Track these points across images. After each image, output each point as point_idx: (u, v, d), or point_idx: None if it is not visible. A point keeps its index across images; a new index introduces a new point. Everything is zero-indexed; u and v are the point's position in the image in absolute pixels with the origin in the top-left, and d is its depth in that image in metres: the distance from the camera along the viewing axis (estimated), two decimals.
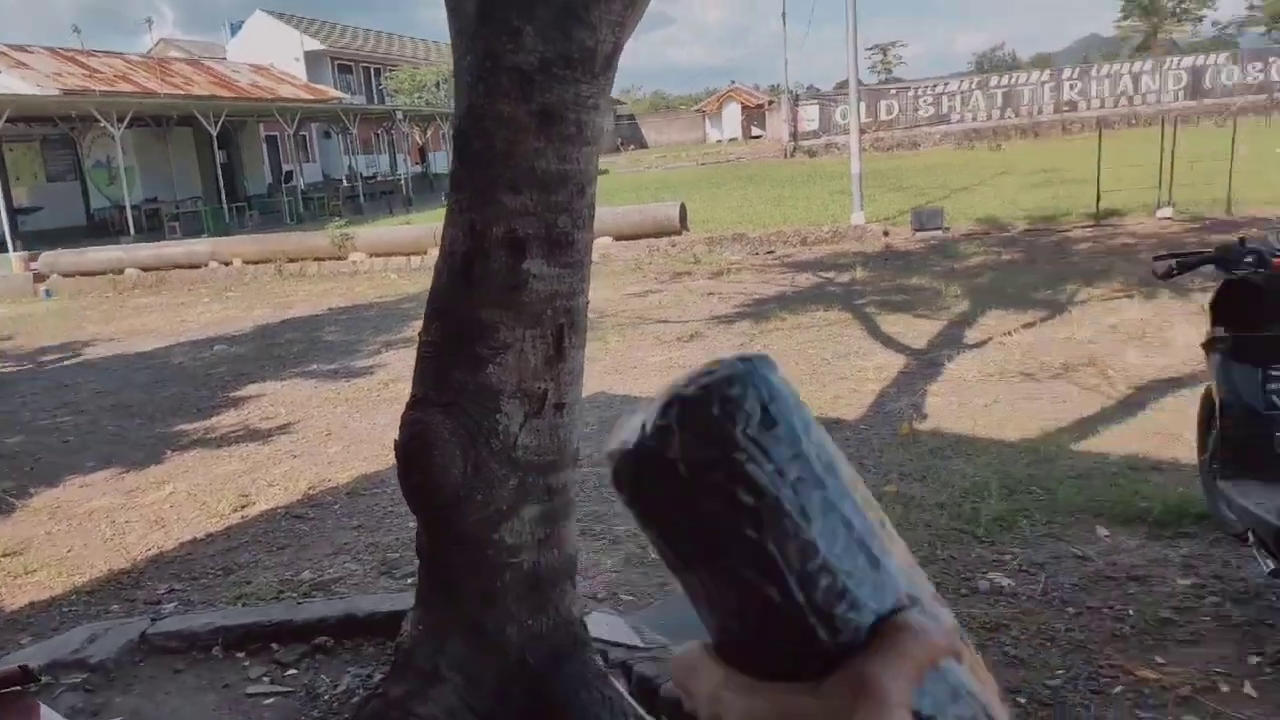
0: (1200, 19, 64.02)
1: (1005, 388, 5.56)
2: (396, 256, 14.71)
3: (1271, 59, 39.65)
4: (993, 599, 3.06)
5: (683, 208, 14.53)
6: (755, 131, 54.44)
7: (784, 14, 43.47)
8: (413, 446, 2.18)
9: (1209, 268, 2.85)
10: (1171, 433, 4.38)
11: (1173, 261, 2.88)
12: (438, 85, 38.50)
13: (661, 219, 14.28)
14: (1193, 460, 3.39)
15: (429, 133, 37.30)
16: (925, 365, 6.26)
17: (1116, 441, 4.46)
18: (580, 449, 2.33)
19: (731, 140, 53.96)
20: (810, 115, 39.67)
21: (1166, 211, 11.77)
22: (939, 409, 5.29)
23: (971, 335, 6.96)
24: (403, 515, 4.06)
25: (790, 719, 0.36)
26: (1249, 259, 2.75)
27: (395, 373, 7.20)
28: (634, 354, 7.27)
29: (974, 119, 39.60)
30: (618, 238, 14.08)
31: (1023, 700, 2.48)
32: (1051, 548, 3.39)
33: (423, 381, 2.21)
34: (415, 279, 12.29)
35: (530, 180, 2.02)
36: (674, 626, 2.97)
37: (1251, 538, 2.74)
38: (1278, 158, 18.11)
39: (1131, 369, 5.56)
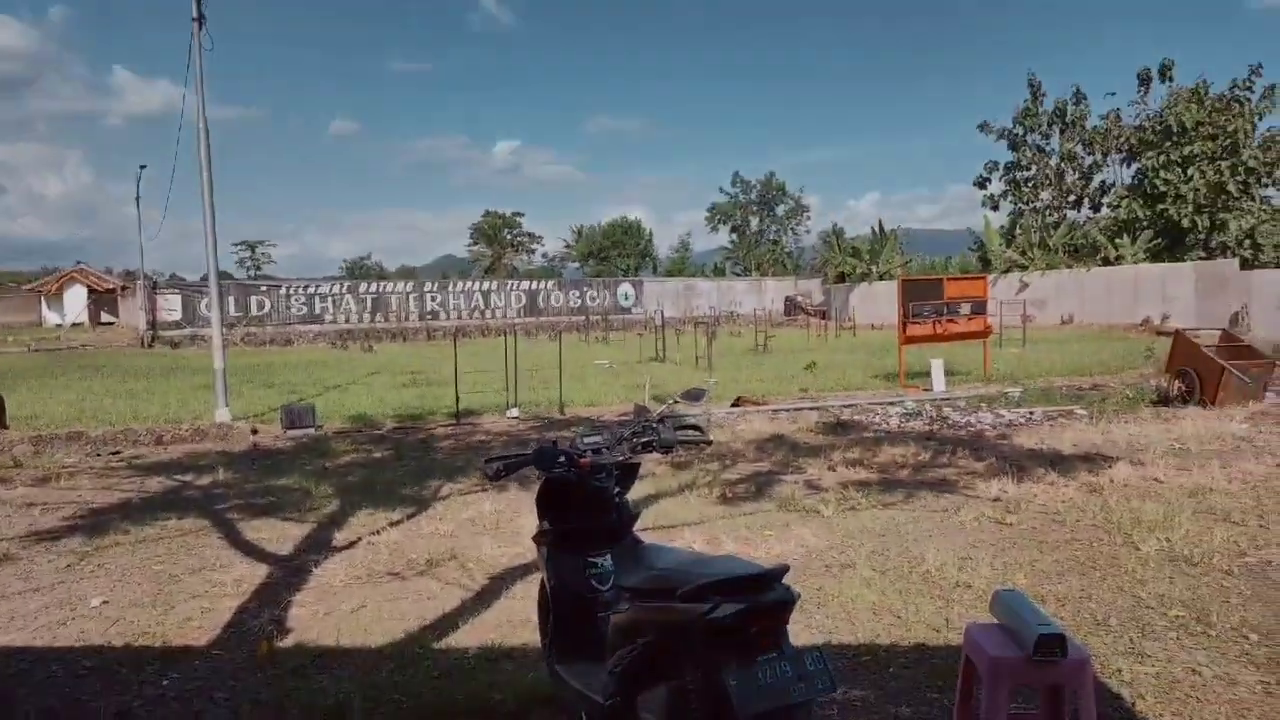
0: (533, 250, 76.85)
1: (373, 589, 5.47)
2: None
3: (585, 288, 48.95)
4: None
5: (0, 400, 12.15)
6: (106, 318, 49.13)
7: (138, 198, 41.14)
8: None
9: (532, 467, 3.15)
10: (523, 619, 4.71)
11: (499, 464, 3.14)
12: None
13: None
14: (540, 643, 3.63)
15: None
16: (291, 573, 5.89)
17: (475, 634, 4.63)
18: None
19: (76, 325, 47.71)
20: (172, 305, 37.26)
21: (514, 411, 13.31)
22: (304, 620, 4.96)
23: (341, 536, 6.81)
24: None
25: None
26: (561, 459, 3.11)
27: None
28: None
29: (346, 320, 41.10)
30: None
31: None
32: None
33: None
34: None
35: None
36: None
37: (584, 718, 2.96)
38: (595, 368, 21.91)
39: (487, 559, 5.93)
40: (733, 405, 13.86)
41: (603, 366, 22.61)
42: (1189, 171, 38.87)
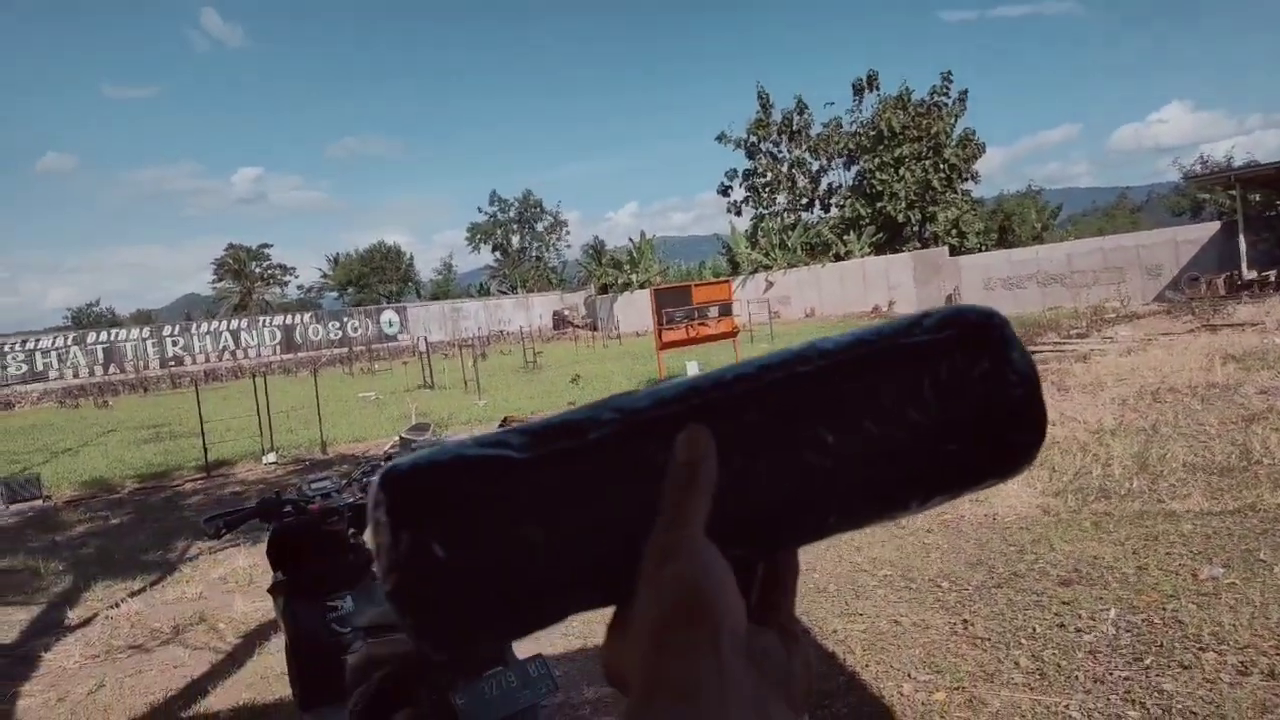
0: (286, 283, 72.87)
1: (112, 667, 5.11)
2: None
3: (345, 318, 47.09)
4: None
5: None
6: None
7: None
8: None
9: (259, 520, 3.12)
10: (278, 673, 4.58)
11: (220, 521, 3.08)
12: None
13: None
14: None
15: None
16: (17, 662, 5.39)
17: (227, 696, 4.46)
18: None
19: None
20: None
21: (271, 457, 12.68)
22: (34, 710, 4.57)
23: (75, 614, 6.28)
24: None
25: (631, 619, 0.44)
26: (288, 509, 3.11)
27: None
28: None
29: (75, 375, 37.20)
30: None
31: None
32: None
33: None
34: None
35: None
36: None
37: None
38: (359, 401, 21.22)
39: (239, 618, 5.68)
40: (500, 425, 13.94)
41: (369, 399, 21.93)
42: (900, 171, 43.28)
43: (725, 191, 51.99)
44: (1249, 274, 25.57)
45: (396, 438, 3.87)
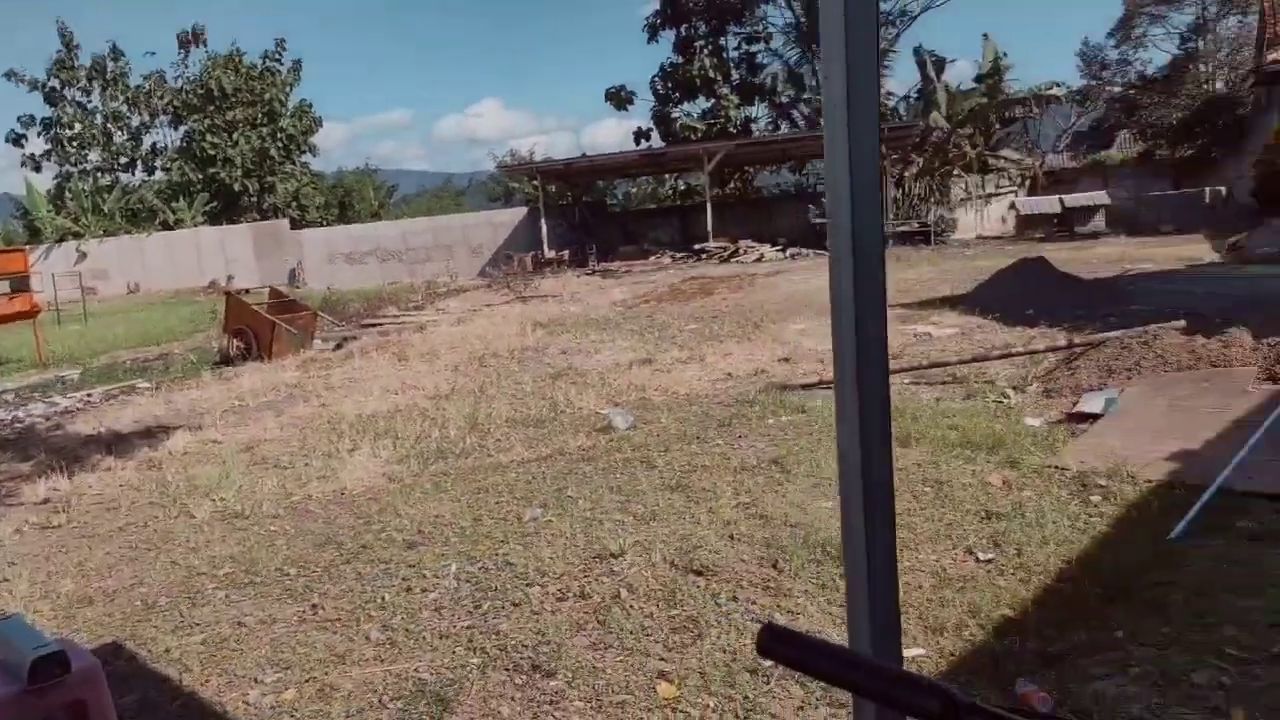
0: None
1: None
2: None
3: None
4: None
5: None
6: None
7: None
8: None
9: None
10: None
11: None
12: None
13: None
14: None
15: None
16: None
17: None
18: None
19: None
20: None
21: None
22: None
23: None
24: None
25: None
26: None
27: None
28: None
29: None
30: None
31: None
32: None
33: None
34: None
35: None
36: None
37: None
38: None
39: None
40: None
41: None
42: (235, 136, 40.85)
43: (18, 141, 43.21)
44: (550, 253, 29.89)
45: None
